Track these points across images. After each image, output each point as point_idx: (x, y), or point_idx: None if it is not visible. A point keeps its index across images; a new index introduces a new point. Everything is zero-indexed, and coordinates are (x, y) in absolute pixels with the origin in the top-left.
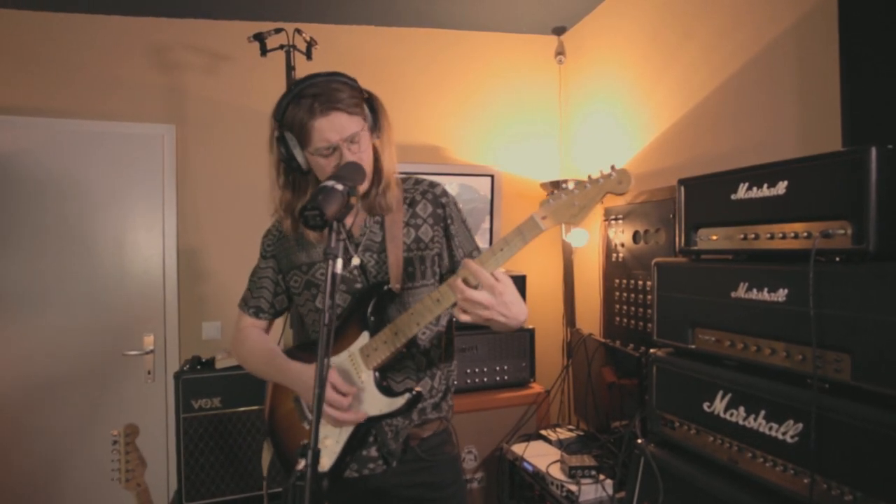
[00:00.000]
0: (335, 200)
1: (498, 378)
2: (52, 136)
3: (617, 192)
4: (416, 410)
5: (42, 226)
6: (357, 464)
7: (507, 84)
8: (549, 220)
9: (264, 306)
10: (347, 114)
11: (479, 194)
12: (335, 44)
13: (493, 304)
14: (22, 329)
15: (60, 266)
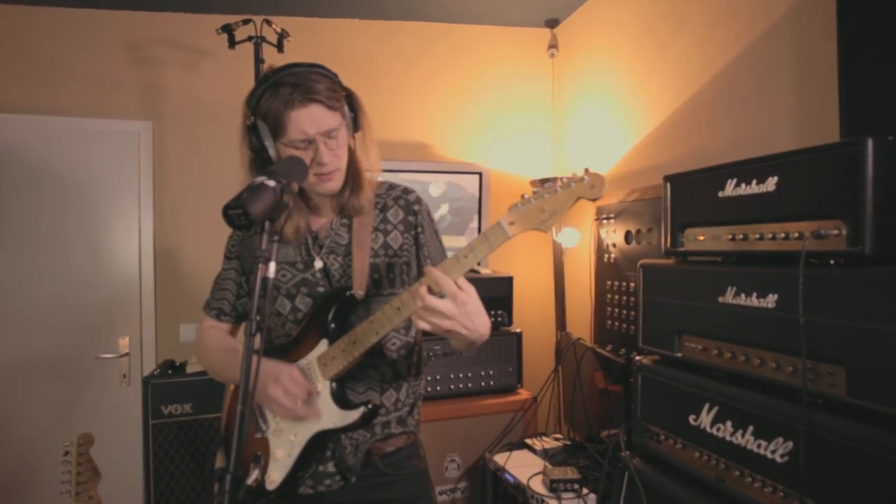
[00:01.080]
0: (263, 198)
1: (483, 384)
2: (24, 134)
3: (589, 197)
4: (379, 424)
5: (14, 224)
6: (312, 479)
7: (498, 79)
8: (517, 226)
9: (226, 308)
10: (327, 107)
11: (467, 192)
12: (318, 37)
13: (455, 315)
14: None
15: (33, 265)
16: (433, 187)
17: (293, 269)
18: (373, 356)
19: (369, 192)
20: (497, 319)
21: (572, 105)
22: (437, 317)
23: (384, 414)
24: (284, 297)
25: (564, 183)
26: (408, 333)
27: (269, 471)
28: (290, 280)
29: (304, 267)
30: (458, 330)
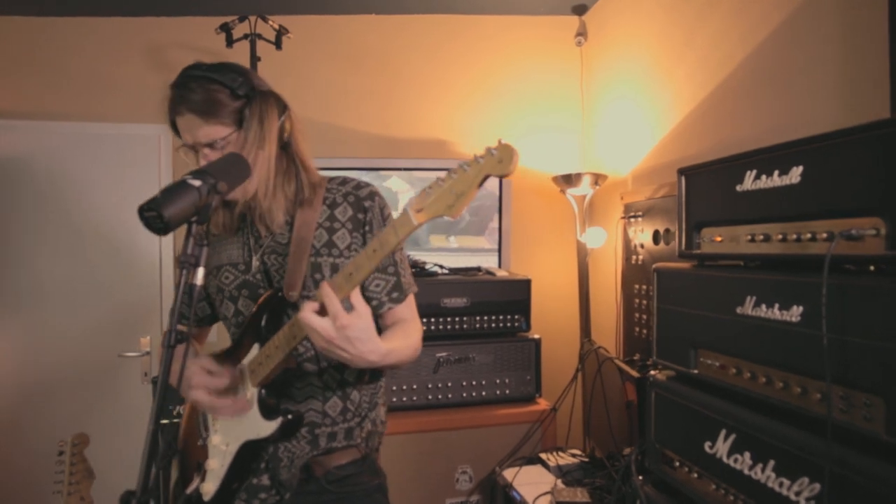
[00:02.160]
0: (183, 199)
1: (498, 392)
2: (50, 139)
3: (497, 173)
4: (323, 436)
5: (41, 227)
6: (247, 493)
7: (522, 71)
8: (424, 213)
9: (185, 312)
10: (202, 119)
11: (487, 191)
12: (330, 35)
13: (333, 338)
14: (20, 328)
15: (58, 267)
16: None
17: (235, 270)
18: (316, 362)
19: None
20: (514, 325)
21: (601, 95)
22: (315, 335)
23: (329, 425)
24: (228, 300)
25: (473, 159)
26: None
27: (206, 481)
28: (233, 282)
29: (246, 268)
30: (335, 352)
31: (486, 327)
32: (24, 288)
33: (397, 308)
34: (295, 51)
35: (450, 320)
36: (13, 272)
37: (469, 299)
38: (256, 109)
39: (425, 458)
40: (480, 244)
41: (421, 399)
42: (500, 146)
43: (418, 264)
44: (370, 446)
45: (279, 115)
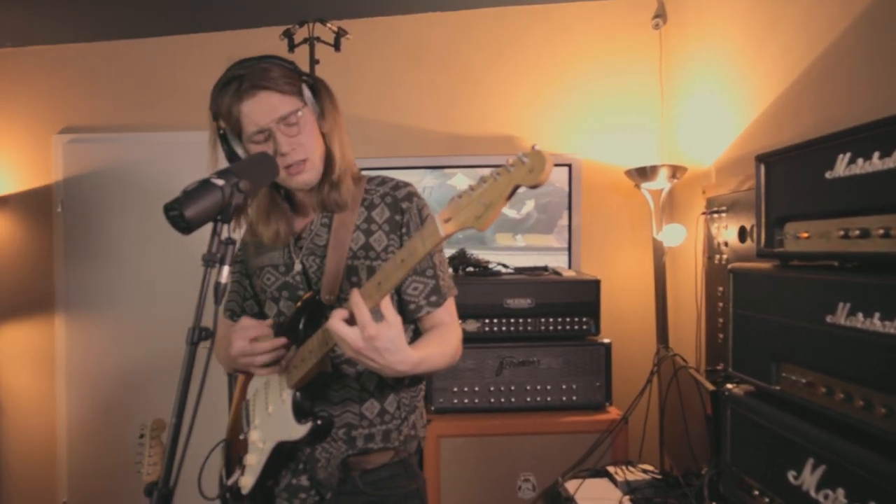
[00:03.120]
0: (205, 198)
1: (565, 398)
2: (153, 148)
3: (527, 183)
4: (360, 437)
5: (144, 229)
6: (287, 493)
7: (594, 59)
8: (452, 224)
9: (235, 309)
10: (278, 92)
11: (555, 187)
12: (392, 36)
13: (361, 349)
14: (124, 321)
15: (160, 265)
16: None
17: (276, 271)
18: (353, 364)
19: (351, 186)
20: (582, 327)
21: (682, 79)
22: (344, 344)
23: (366, 427)
24: (271, 301)
25: (504, 168)
26: None
27: (245, 475)
28: (274, 283)
29: (286, 270)
30: (363, 361)
31: (552, 330)
32: (131, 284)
33: (436, 312)
34: (355, 52)
35: (513, 321)
36: (124, 270)
37: (533, 300)
38: (322, 87)
39: (487, 463)
40: (549, 243)
41: (483, 402)
42: (532, 153)
43: (481, 263)
44: (408, 449)
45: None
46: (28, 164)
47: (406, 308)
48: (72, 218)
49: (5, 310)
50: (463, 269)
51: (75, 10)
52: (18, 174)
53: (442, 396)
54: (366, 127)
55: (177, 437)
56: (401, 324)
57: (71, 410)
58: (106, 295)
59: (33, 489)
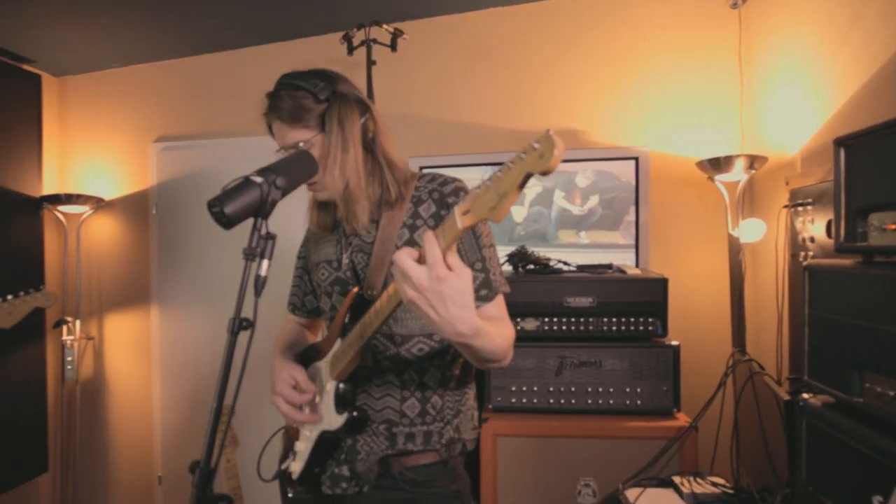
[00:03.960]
0: (244, 195)
1: (628, 402)
2: (236, 152)
3: (538, 170)
4: (401, 435)
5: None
6: (330, 480)
7: (665, 44)
8: (470, 216)
9: (297, 303)
10: (286, 124)
11: (621, 181)
12: (455, 32)
13: (424, 288)
14: (211, 315)
15: (242, 263)
16: (580, 177)
17: (329, 267)
18: (395, 361)
19: (364, 205)
20: (648, 328)
21: (764, 61)
22: (406, 282)
23: (406, 425)
24: (324, 295)
25: (518, 156)
26: (441, 340)
27: (295, 460)
28: (327, 279)
29: (338, 265)
30: (423, 308)
31: (616, 330)
32: (216, 279)
33: (486, 307)
34: (414, 52)
35: (574, 321)
36: (209, 267)
37: (595, 299)
38: (335, 112)
39: (545, 465)
40: (614, 240)
41: (542, 402)
42: (543, 138)
43: (541, 261)
44: (450, 452)
45: (360, 116)
46: (129, 171)
47: None
48: (164, 218)
49: (111, 302)
50: (522, 267)
51: (164, 31)
52: (121, 180)
53: (500, 395)
54: (425, 126)
55: (217, 419)
56: (471, 278)
57: (164, 393)
58: (194, 289)
59: (134, 464)
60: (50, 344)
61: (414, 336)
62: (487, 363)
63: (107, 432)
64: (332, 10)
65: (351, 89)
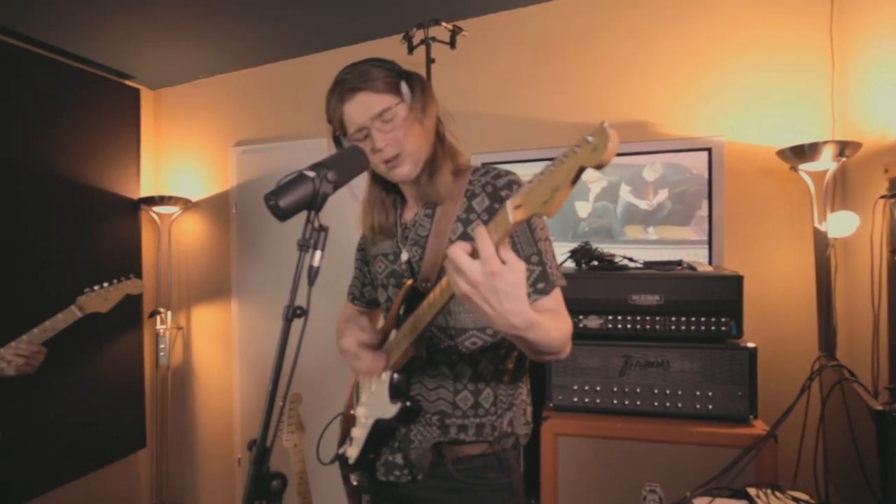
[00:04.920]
0: (297, 188)
1: (699, 406)
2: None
3: (591, 163)
4: (453, 426)
5: (301, 226)
6: (384, 468)
7: (745, 27)
8: (522, 210)
9: (356, 293)
10: (373, 92)
11: (692, 174)
12: (516, 27)
13: (479, 283)
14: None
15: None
16: (648, 170)
17: (386, 260)
18: (448, 353)
19: (448, 179)
20: (720, 329)
21: (862, 39)
22: (460, 276)
23: (459, 417)
24: (381, 288)
25: (571, 149)
26: (495, 334)
27: (351, 446)
28: (383, 271)
29: (394, 258)
30: (477, 303)
31: (685, 329)
32: (290, 274)
33: (542, 300)
34: (475, 49)
35: (639, 319)
36: (283, 263)
37: (663, 297)
38: (417, 83)
39: (608, 467)
40: (685, 235)
41: (605, 402)
42: (597, 131)
43: (605, 257)
44: (503, 445)
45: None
46: (213, 174)
47: None
48: (243, 217)
49: (197, 294)
50: (586, 263)
51: (240, 43)
52: (206, 182)
53: (561, 394)
54: (487, 122)
55: (272, 401)
56: (525, 271)
57: (242, 380)
58: (269, 282)
59: (217, 445)
60: (146, 333)
61: (468, 330)
62: (543, 355)
63: (194, 415)
64: (394, 11)
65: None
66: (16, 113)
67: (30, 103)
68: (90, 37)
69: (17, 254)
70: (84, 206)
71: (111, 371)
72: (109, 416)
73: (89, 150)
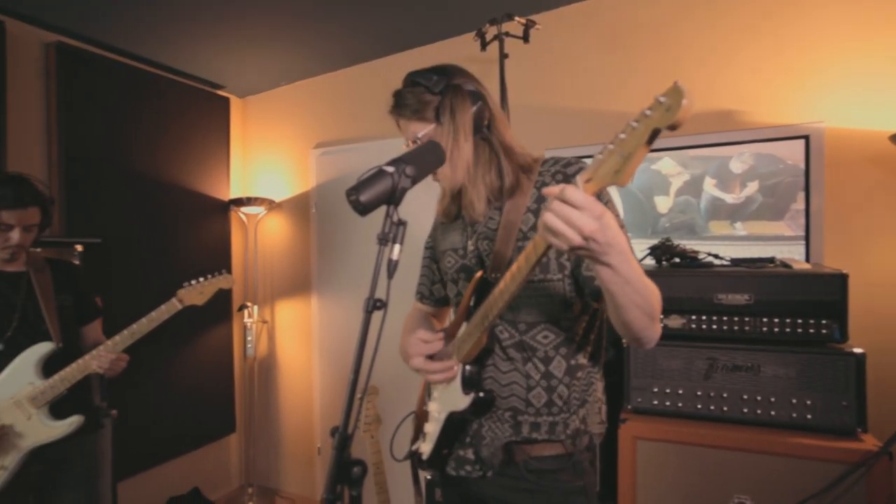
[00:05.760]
0: (377, 184)
1: (795, 415)
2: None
3: (664, 124)
4: (526, 424)
5: (377, 224)
6: (455, 462)
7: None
8: (593, 183)
9: (425, 292)
10: (405, 119)
11: (786, 164)
12: (590, 19)
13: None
14: (361, 303)
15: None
16: (735, 162)
17: (455, 254)
18: (520, 349)
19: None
20: (820, 332)
21: None
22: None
23: (532, 414)
24: (451, 282)
25: (642, 113)
26: (567, 328)
27: (425, 441)
28: (453, 266)
29: (463, 252)
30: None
31: (778, 332)
32: (366, 271)
33: None
34: (548, 43)
35: (726, 320)
36: (359, 260)
37: (752, 296)
38: (447, 103)
39: (691, 475)
40: (779, 231)
41: (688, 407)
42: (669, 90)
43: (688, 254)
44: (577, 445)
45: (472, 104)
46: (294, 176)
47: (589, 285)
48: (322, 217)
49: (281, 290)
50: (667, 260)
51: (317, 50)
52: (288, 184)
53: (640, 396)
54: (562, 116)
55: (353, 390)
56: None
57: (322, 373)
58: (347, 279)
59: (298, 434)
60: (235, 326)
61: (539, 323)
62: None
63: (278, 404)
64: (465, 8)
65: (467, 80)
66: (129, 126)
67: (139, 116)
68: (189, 51)
69: (129, 252)
70: (182, 208)
71: (206, 361)
72: (205, 402)
73: (187, 156)
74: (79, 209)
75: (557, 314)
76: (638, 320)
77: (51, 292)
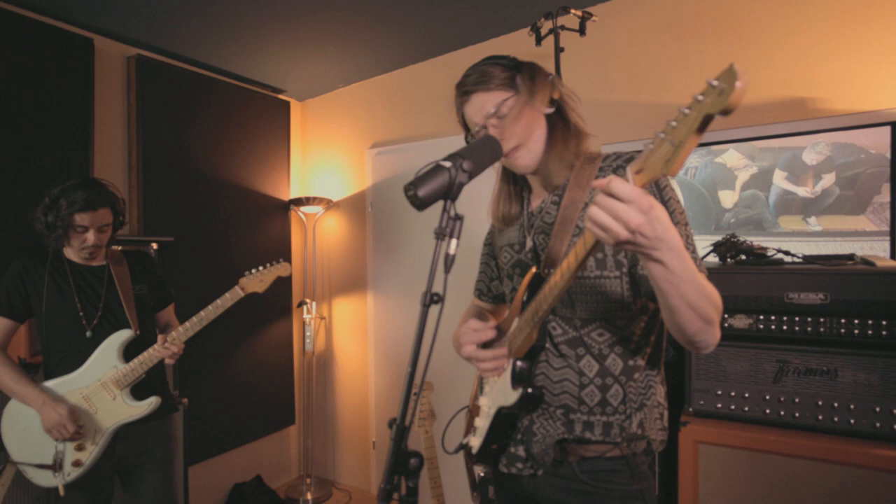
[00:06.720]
0: (435, 179)
1: (878, 424)
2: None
3: (717, 110)
4: (579, 423)
5: (432, 222)
6: (506, 459)
7: None
8: (644, 174)
9: (483, 289)
10: (484, 91)
11: (869, 154)
12: (649, 11)
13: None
14: (416, 300)
15: None
16: (808, 153)
17: (512, 250)
18: (574, 346)
19: (560, 167)
20: (893, 331)
21: None
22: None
23: (585, 413)
24: (507, 278)
25: (694, 99)
26: (623, 327)
27: (475, 436)
28: (509, 262)
29: (520, 248)
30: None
31: (858, 334)
32: (421, 268)
33: None
34: (604, 35)
35: (797, 320)
36: (414, 257)
37: (828, 295)
38: (526, 71)
39: (759, 483)
40: (859, 226)
41: (756, 411)
42: (723, 73)
43: (756, 251)
44: (633, 449)
45: (546, 76)
46: (351, 175)
47: (645, 284)
48: (378, 215)
49: (339, 287)
50: (732, 257)
51: (372, 52)
52: (345, 183)
53: (702, 398)
54: (620, 110)
55: (411, 383)
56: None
57: (377, 368)
58: (402, 277)
59: (354, 428)
60: (295, 322)
61: (594, 321)
62: (690, 324)
63: (335, 398)
64: (522, 4)
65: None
66: (197, 130)
67: (206, 121)
68: (252, 58)
69: (197, 249)
70: (245, 208)
71: (267, 355)
72: (266, 394)
73: (250, 158)
74: (154, 210)
75: (613, 312)
76: (692, 323)
77: (129, 283)
